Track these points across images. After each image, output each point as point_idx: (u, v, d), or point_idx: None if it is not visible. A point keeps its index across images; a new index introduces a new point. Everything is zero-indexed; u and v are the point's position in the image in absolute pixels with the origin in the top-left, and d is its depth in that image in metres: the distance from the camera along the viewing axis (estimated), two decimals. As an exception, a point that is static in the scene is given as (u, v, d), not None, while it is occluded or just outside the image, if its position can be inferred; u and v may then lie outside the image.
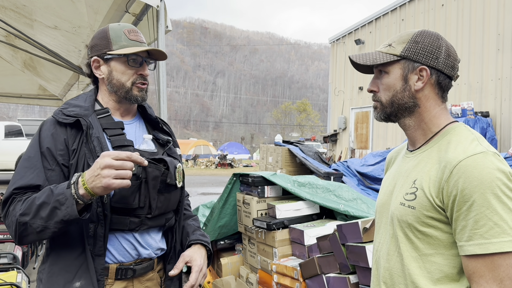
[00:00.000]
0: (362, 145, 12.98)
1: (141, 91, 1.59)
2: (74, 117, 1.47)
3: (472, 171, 1.08)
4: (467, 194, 1.07)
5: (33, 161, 1.43)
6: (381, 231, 1.34)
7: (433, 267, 1.16)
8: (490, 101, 9.16)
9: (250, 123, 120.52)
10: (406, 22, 11.58)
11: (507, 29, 8.91)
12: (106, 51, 1.55)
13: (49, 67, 5.58)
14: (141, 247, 1.51)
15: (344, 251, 2.56)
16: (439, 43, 1.25)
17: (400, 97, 1.26)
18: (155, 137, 1.67)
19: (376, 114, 1.34)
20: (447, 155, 1.15)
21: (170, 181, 1.51)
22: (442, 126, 1.25)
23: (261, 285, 3.43)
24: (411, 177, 1.23)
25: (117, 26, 1.59)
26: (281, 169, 8.54)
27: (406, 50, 1.24)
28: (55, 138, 1.45)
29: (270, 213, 3.55)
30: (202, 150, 32.51)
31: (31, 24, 4.14)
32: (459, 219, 1.10)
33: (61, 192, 1.30)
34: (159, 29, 3.12)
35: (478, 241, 1.06)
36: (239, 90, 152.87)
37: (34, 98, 8.26)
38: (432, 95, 1.26)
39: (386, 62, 1.26)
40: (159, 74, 3.22)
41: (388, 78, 1.27)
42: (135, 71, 1.56)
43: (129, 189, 1.42)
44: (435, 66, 1.23)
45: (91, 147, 1.44)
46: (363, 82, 12.94)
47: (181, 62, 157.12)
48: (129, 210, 1.46)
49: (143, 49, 1.55)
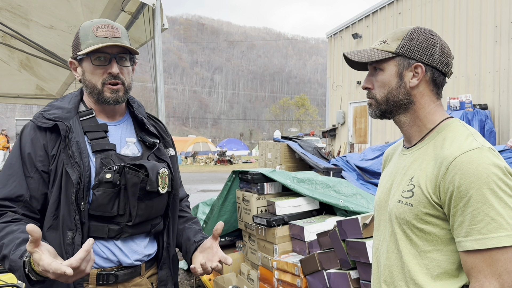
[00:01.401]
0: (361, 140, 12.98)
1: (114, 92, 1.47)
2: (54, 120, 1.41)
3: (468, 167, 1.08)
4: (464, 190, 1.08)
5: (15, 168, 1.39)
6: (381, 228, 1.35)
7: (432, 264, 1.17)
8: (488, 93, 9.15)
9: (248, 119, 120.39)
10: (404, 15, 11.55)
11: (504, 21, 8.90)
12: (76, 52, 1.47)
13: (46, 66, 5.56)
14: (122, 255, 1.45)
15: (345, 246, 2.56)
16: (433, 40, 1.25)
17: (395, 94, 1.26)
18: (142, 139, 1.58)
19: (371, 111, 1.34)
20: (443, 152, 1.16)
21: (151, 188, 1.43)
22: (437, 123, 1.25)
23: (262, 281, 3.44)
24: (408, 174, 1.23)
25: (88, 24, 1.48)
26: (280, 165, 8.54)
27: (401, 47, 1.24)
28: (34, 143, 1.40)
29: (270, 209, 3.55)
30: (201, 147, 32.53)
31: (27, 24, 4.12)
32: (456, 215, 1.11)
33: (14, 259, 1.23)
34: (155, 27, 3.11)
35: (475, 236, 1.07)
36: (237, 86, 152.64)
37: (31, 98, 8.22)
38: (427, 92, 1.26)
39: (381, 59, 1.26)
40: (156, 72, 3.22)
41: (383, 75, 1.27)
42: (103, 70, 1.46)
43: (106, 197, 1.37)
44: (430, 63, 1.23)
45: (70, 152, 1.38)
46: (361, 76, 12.93)
47: (179, 59, 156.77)
48: (108, 218, 1.40)
49: (102, 44, 1.41)
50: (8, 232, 1.30)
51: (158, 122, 1.72)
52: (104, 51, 1.44)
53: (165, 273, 1.57)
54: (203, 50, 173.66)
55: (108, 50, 1.45)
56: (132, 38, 3.91)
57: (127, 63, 1.51)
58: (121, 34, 1.49)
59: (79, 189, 1.36)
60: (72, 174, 1.36)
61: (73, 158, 1.38)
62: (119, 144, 1.52)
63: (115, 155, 1.45)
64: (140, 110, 1.65)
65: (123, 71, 1.49)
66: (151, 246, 1.56)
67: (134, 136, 1.59)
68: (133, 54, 1.53)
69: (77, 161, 1.38)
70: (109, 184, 1.37)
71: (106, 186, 1.38)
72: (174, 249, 1.64)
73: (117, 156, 1.46)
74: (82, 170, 1.37)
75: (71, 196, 1.36)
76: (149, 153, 1.55)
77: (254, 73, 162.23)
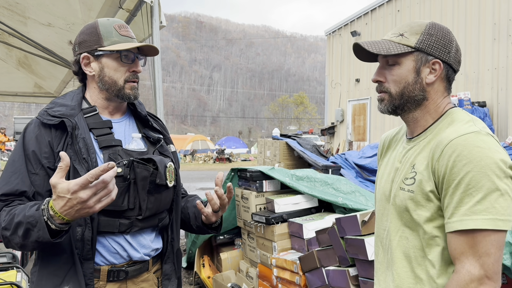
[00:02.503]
0: (360, 137, 12.99)
1: (133, 89, 1.54)
2: (59, 117, 1.43)
3: (462, 149, 1.08)
4: (455, 173, 1.08)
5: (18, 165, 1.39)
6: (384, 218, 1.35)
7: (434, 249, 1.17)
8: (487, 91, 9.16)
9: (247, 117, 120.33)
10: (402, 13, 11.54)
11: (502, 19, 8.89)
12: (97, 47, 1.48)
13: (44, 64, 5.55)
14: (132, 250, 1.47)
15: (343, 244, 2.56)
16: (450, 37, 1.24)
17: (411, 89, 1.24)
18: (146, 135, 1.62)
19: (382, 106, 1.30)
20: (440, 135, 1.17)
21: (160, 181, 1.46)
22: (442, 113, 1.26)
23: (261, 279, 3.44)
24: (410, 162, 1.24)
25: (106, 21, 1.52)
26: (279, 163, 8.54)
27: (421, 42, 1.22)
28: (39, 140, 1.41)
29: (269, 207, 3.55)
30: (200, 145, 32.50)
31: (25, 22, 4.11)
32: (446, 197, 1.11)
33: (31, 214, 1.25)
34: (153, 24, 3.10)
35: (459, 217, 1.07)
36: (235, 84, 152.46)
37: (30, 96, 8.20)
38: (440, 89, 1.26)
39: (399, 53, 1.23)
40: (154, 70, 3.21)
41: (400, 69, 1.24)
42: (127, 68, 1.52)
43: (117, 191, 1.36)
44: (446, 60, 1.23)
45: (77, 148, 1.40)
46: (359, 74, 12.92)
47: (177, 57, 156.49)
48: (119, 212, 1.42)
49: (138, 45, 1.50)
50: (17, 207, 1.32)
51: (157, 119, 1.76)
52: (129, 50, 1.51)
53: (169, 267, 1.60)
54: (202, 48, 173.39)
55: (132, 49, 1.52)
56: (130, 36, 3.90)
57: (142, 63, 1.60)
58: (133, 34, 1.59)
59: None
60: (81, 170, 1.37)
61: (80, 154, 1.39)
62: (123, 140, 1.54)
63: (122, 150, 1.48)
64: (141, 107, 1.69)
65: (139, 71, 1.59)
66: (157, 241, 1.59)
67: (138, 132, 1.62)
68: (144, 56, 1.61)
69: (85, 157, 1.40)
70: (120, 178, 1.38)
71: (117, 180, 1.37)
72: (178, 244, 1.67)
73: (124, 151, 1.48)
74: (90, 166, 1.38)
75: None
76: (154, 148, 1.59)
77: (252, 71, 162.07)
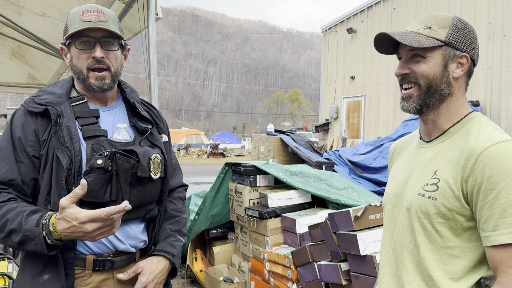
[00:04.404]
0: (354, 134, 13.03)
1: (99, 79, 1.45)
2: (44, 105, 1.41)
3: (500, 158, 1.05)
4: (494, 182, 1.04)
5: (6, 152, 1.38)
6: (393, 222, 1.30)
7: (450, 260, 1.14)
8: (481, 90, 9.22)
9: (242, 112, 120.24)
10: (398, 11, 11.57)
11: (497, 19, 8.94)
12: (64, 37, 1.47)
13: (38, 55, 5.51)
14: (117, 241, 1.45)
15: (336, 239, 2.58)
16: (474, 33, 1.22)
17: (438, 82, 1.20)
18: (134, 124, 1.57)
19: (410, 104, 1.24)
20: (471, 143, 1.12)
21: (142, 173, 1.42)
22: (462, 116, 1.22)
23: (253, 273, 3.45)
24: (431, 168, 1.20)
25: (76, 9, 1.46)
26: (273, 158, 8.55)
27: (450, 36, 1.19)
28: (25, 128, 1.39)
29: (262, 202, 3.56)
30: (194, 140, 32.46)
31: (19, 11, 4.07)
32: (484, 208, 1.07)
33: (30, 229, 1.25)
34: (149, 16, 3.10)
35: (506, 230, 1.03)
36: (230, 79, 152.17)
37: (23, 86, 8.14)
38: (463, 84, 1.24)
39: (429, 46, 1.19)
40: (149, 62, 3.20)
41: (429, 62, 1.21)
42: (88, 54, 1.43)
43: (98, 183, 1.37)
44: (472, 55, 1.21)
45: (60, 137, 1.38)
46: (355, 71, 12.95)
47: (172, 51, 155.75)
48: (101, 204, 1.38)
49: (83, 27, 1.39)
50: (8, 209, 1.31)
51: (152, 108, 1.71)
52: (88, 35, 1.42)
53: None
54: (197, 42, 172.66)
55: (92, 34, 1.42)
56: (126, 27, 3.88)
57: (113, 47, 1.48)
58: (108, 18, 1.45)
59: (70, 174, 1.36)
60: (63, 159, 1.36)
61: (63, 143, 1.37)
62: (111, 129, 1.51)
63: (106, 141, 1.45)
64: (133, 95, 1.64)
65: (109, 56, 1.46)
66: (145, 233, 1.57)
67: (127, 122, 1.58)
68: (121, 39, 1.50)
69: (68, 146, 1.37)
70: (100, 170, 1.36)
71: (97, 172, 1.37)
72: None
73: (108, 142, 1.45)
74: (72, 155, 1.37)
75: (62, 181, 1.35)
76: (141, 138, 1.54)
77: (248, 66, 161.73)
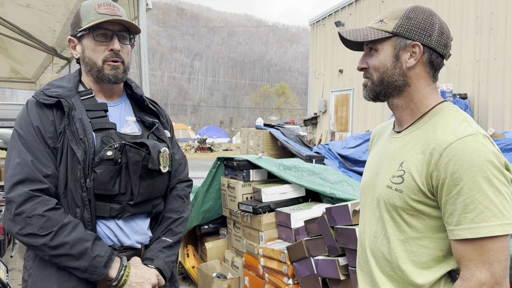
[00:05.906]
0: (342, 128, 13.06)
1: (114, 69, 1.47)
2: (56, 97, 1.40)
3: (463, 153, 1.05)
4: (457, 178, 1.05)
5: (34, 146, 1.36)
6: (366, 212, 1.32)
7: (420, 250, 1.15)
8: (468, 83, 9.30)
9: (228, 106, 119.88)
10: (386, 4, 11.58)
11: (485, 12, 9.01)
12: (77, 29, 1.47)
13: (21, 48, 5.36)
14: (123, 235, 1.46)
15: (333, 233, 2.55)
16: (432, 20, 1.20)
17: (390, 74, 1.21)
18: (141, 119, 1.59)
19: (365, 92, 1.29)
20: (436, 137, 1.12)
21: (152, 166, 1.43)
22: (431, 107, 1.21)
23: (247, 268, 3.41)
24: (398, 159, 1.20)
25: (89, 2, 1.49)
26: (263, 153, 8.51)
27: (399, 26, 1.19)
28: (42, 119, 1.39)
29: (256, 196, 3.51)
30: (180, 134, 32.23)
31: (2, 2, 3.93)
32: (448, 203, 1.08)
33: (97, 266, 1.33)
34: (139, 7, 3.01)
35: (468, 225, 1.05)
36: (217, 73, 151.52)
37: (5, 81, 7.96)
38: (423, 74, 1.22)
39: (377, 39, 1.21)
40: (140, 55, 3.11)
41: (379, 55, 1.22)
42: (105, 47, 1.46)
43: (107, 175, 1.38)
44: (427, 43, 1.19)
45: (73, 129, 1.38)
46: (343, 64, 12.95)
47: (157, 44, 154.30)
48: (110, 196, 1.41)
49: (105, 19, 1.42)
50: (62, 225, 1.31)
51: (155, 103, 1.73)
52: (106, 28, 1.45)
53: None
54: (183, 36, 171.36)
55: (109, 27, 1.45)
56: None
57: (127, 42, 1.52)
58: (122, 13, 1.50)
59: (85, 166, 1.37)
60: (77, 151, 1.36)
61: (77, 135, 1.38)
62: (118, 123, 1.52)
63: (116, 133, 1.46)
64: (138, 90, 1.65)
65: (123, 50, 1.51)
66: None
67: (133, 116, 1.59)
68: (132, 34, 1.54)
69: (82, 137, 1.38)
70: (110, 161, 1.37)
71: (107, 164, 1.38)
72: None
73: (117, 135, 1.46)
74: (86, 147, 1.38)
75: (77, 173, 1.36)
76: (149, 132, 1.56)
77: (234, 60, 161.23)
